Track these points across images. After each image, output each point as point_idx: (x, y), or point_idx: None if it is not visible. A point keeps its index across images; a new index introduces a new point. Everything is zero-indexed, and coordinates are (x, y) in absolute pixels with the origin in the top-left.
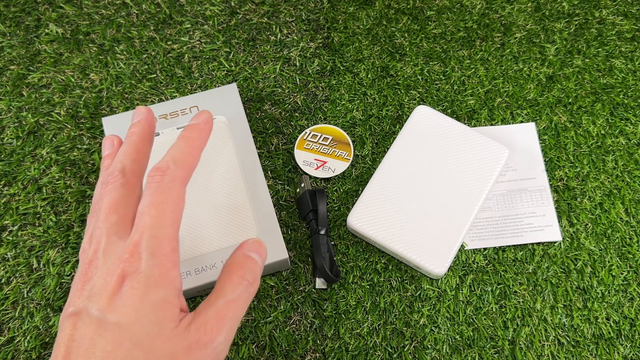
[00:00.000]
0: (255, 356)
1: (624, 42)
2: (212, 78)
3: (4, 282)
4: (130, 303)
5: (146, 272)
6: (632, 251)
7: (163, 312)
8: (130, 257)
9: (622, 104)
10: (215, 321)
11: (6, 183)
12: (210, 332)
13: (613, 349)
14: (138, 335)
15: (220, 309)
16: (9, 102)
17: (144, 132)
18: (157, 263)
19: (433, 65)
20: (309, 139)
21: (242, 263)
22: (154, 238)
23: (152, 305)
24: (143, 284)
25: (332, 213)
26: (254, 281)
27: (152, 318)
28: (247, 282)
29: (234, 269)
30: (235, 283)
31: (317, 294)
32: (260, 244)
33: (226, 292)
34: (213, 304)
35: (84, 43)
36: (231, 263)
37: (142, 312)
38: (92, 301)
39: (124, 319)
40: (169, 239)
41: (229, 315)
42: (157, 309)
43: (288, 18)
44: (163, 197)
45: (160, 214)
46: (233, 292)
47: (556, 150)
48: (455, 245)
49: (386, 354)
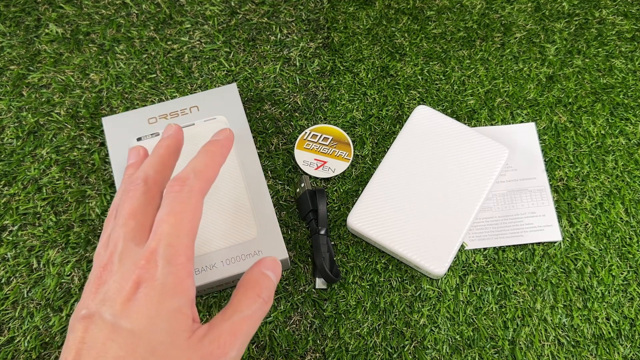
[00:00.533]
0: (255, 356)
1: (624, 42)
2: (212, 78)
3: (4, 282)
4: (145, 310)
5: (161, 279)
6: (632, 251)
7: (177, 322)
8: (146, 264)
9: (622, 104)
10: (229, 335)
11: (6, 183)
12: (223, 346)
13: (613, 349)
14: (152, 343)
15: (235, 324)
16: (9, 102)
17: (171, 147)
18: (172, 271)
19: (433, 65)
20: (309, 139)
21: (259, 281)
22: (170, 246)
23: (166, 313)
24: (158, 292)
25: (332, 213)
26: (269, 299)
27: (166, 327)
28: (263, 300)
29: (251, 285)
30: (251, 300)
31: (317, 294)
32: (277, 262)
33: (242, 307)
34: (229, 318)
35: (84, 43)
36: (248, 279)
37: (156, 320)
38: (106, 305)
39: (138, 326)
40: (185, 248)
41: (243, 331)
42: (171, 317)
43: (288, 18)
44: (182, 207)
45: (178, 222)
46: (249, 309)
47: (556, 150)
48: (455, 245)
49: (386, 354)
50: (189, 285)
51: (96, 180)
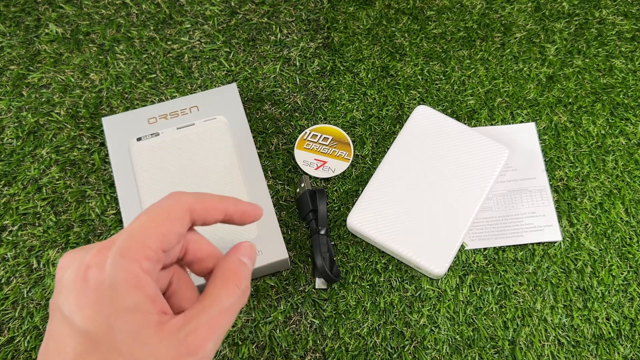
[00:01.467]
0: (255, 356)
1: (624, 42)
2: (212, 78)
3: (4, 282)
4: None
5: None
6: (632, 251)
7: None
8: (97, 253)
9: (622, 104)
10: (207, 329)
11: (6, 183)
12: (201, 339)
13: (613, 349)
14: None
15: (214, 317)
16: (9, 102)
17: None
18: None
19: (433, 65)
20: (309, 139)
21: (237, 270)
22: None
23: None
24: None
25: (332, 213)
26: (247, 289)
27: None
28: (242, 291)
29: (230, 275)
30: (231, 292)
31: (317, 294)
32: (253, 249)
33: (221, 299)
34: (207, 310)
35: (84, 43)
36: (227, 268)
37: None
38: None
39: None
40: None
41: (221, 323)
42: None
43: (288, 18)
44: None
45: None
46: (228, 301)
47: (556, 150)
48: (455, 245)
49: (386, 354)
50: (147, 282)
51: (96, 180)
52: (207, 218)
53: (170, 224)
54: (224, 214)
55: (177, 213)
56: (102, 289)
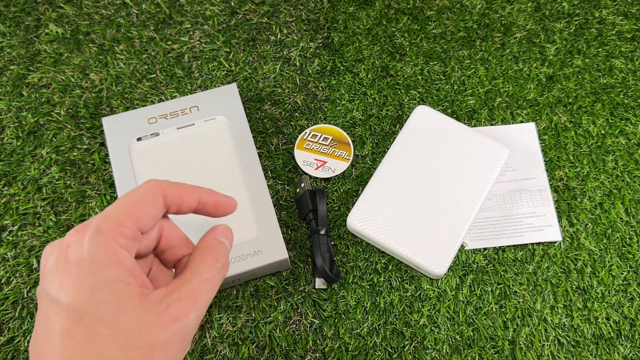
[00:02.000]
0: (255, 356)
1: (624, 42)
2: (212, 78)
3: (4, 282)
4: (80, 283)
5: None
6: (632, 251)
7: (118, 292)
8: (75, 233)
9: (622, 104)
10: (189, 298)
11: (6, 183)
12: (183, 308)
13: (613, 349)
14: (97, 314)
15: (195, 287)
16: (9, 102)
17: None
18: (100, 242)
19: (433, 65)
20: (309, 139)
21: (215, 246)
22: (104, 219)
23: (103, 285)
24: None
25: (332, 213)
26: (226, 264)
27: (107, 298)
28: (221, 264)
29: (208, 251)
30: (210, 264)
31: (317, 294)
32: (229, 230)
33: (201, 272)
34: (188, 282)
35: (84, 43)
36: (205, 245)
37: (95, 292)
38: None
39: (77, 299)
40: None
41: (203, 294)
42: (110, 288)
43: (288, 18)
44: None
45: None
46: (208, 273)
47: (556, 150)
48: (455, 245)
49: (386, 354)
50: (125, 257)
51: (96, 180)
52: (181, 205)
53: (144, 205)
54: (197, 201)
55: (151, 196)
56: (83, 264)
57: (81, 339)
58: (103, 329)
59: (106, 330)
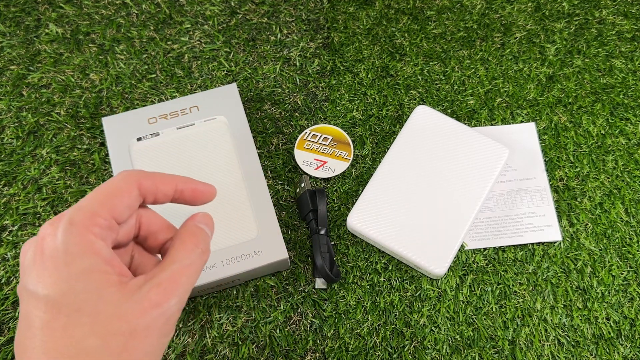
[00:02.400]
0: (255, 356)
1: (624, 42)
2: (212, 78)
3: (4, 282)
4: (56, 273)
5: (62, 239)
6: (632, 251)
7: (95, 280)
8: (49, 226)
9: (622, 104)
10: (169, 283)
11: (6, 183)
12: (164, 293)
13: (613, 349)
14: (75, 303)
15: (175, 272)
16: (9, 102)
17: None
18: (74, 232)
19: (433, 65)
20: (309, 139)
21: (194, 232)
22: (78, 210)
23: (80, 274)
24: (62, 253)
25: (332, 213)
26: (206, 250)
27: (84, 286)
28: (201, 250)
29: (188, 236)
30: (190, 250)
31: (317, 294)
32: (210, 217)
33: (181, 257)
34: (167, 267)
35: (84, 43)
36: (184, 232)
37: (71, 282)
38: (25, 277)
39: (54, 290)
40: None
41: (183, 279)
42: (87, 277)
43: (288, 18)
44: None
45: (95, 194)
46: (188, 258)
47: (556, 150)
48: (455, 245)
49: (386, 354)
50: (100, 246)
51: (96, 180)
52: (157, 194)
53: (119, 195)
54: (174, 189)
55: (125, 186)
56: (58, 255)
57: (61, 329)
58: (82, 318)
59: (86, 319)
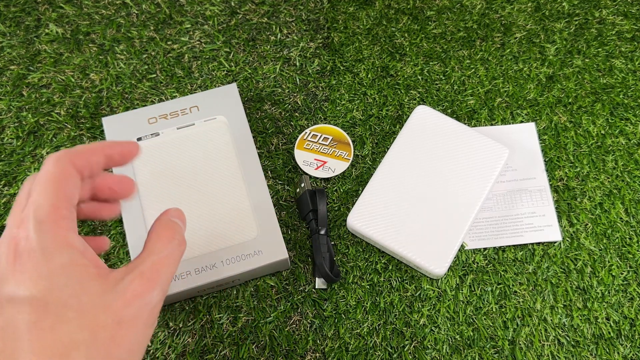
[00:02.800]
0: (255, 356)
1: (624, 42)
2: (212, 78)
3: None
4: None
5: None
6: (632, 251)
7: (76, 273)
8: (18, 229)
9: (622, 104)
10: (150, 273)
11: (6, 183)
12: (146, 284)
13: (613, 349)
14: (60, 299)
15: (155, 263)
16: (9, 102)
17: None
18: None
19: (433, 65)
20: (309, 139)
21: (170, 225)
22: (39, 208)
23: (60, 269)
24: (39, 251)
25: (332, 213)
26: (182, 241)
27: (66, 281)
28: (177, 241)
29: (163, 230)
30: (166, 241)
31: (317, 294)
32: (181, 212)
33: (159, 249)
34: (146, 259)
35: (84, 43)
36: (159, 226)
37: (53, 278)
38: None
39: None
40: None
41: (163, 269)
42: (67, 271)
43: (288, 18)
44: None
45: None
46: (165, 249)
47: (556, 150)
48: (455, 245)
49: (386, 354)
50: (74, 239)
51: None
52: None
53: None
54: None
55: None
56: (35, 255)
57: (49, 328)
58: (69, 313)
59: (73, 313)
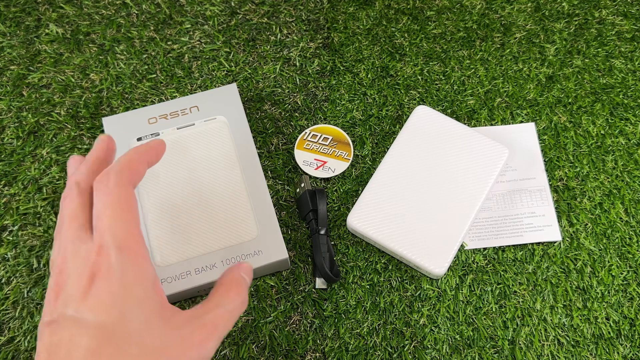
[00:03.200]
0: (255, 356)
1: (623, 42)
2: (212, 78)
3: (4, 282)
4: (110, 301)
5: (118, 268)
6: (632, 251)
7: (147, 309)
8: (98, 257)
9: (622, 104)
10: (211, 326)
11: (6, 183)
12: (206, 335)
13: (613, 349)
14: (126, 332)
15: (218, 316)
16: (9, 102)
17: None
18: (127, 259)
19: (433, 65)
20: (309, 139)
21: (239, 281)
22: (117, 236)
23: (134, 302)
24: (118, 281)
25: (332, 213)
26: (246, 301)
27: (137, 314)
28: (242, 299)
29: (234, 284)
30: (234, 297)
31: (317, 294)
32: (251, 269)
33: (225, 303)
34: (212, 310)
35: (84, 43)
36: (231, 279)
37: (124, 309)
38: (68, 306)
39: (107, 317)
40: (131, 235)
41: (223, 324)
42: (140, 305)
43: (288, 18)
44: (113, 197)
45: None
46: (231, 304)
47: (556, 150)
48: (455, 245)
49: (386, 354)
50: (148, 269)
51: None
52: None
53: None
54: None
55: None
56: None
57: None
58: (131, 349)
59: (134, 350)
